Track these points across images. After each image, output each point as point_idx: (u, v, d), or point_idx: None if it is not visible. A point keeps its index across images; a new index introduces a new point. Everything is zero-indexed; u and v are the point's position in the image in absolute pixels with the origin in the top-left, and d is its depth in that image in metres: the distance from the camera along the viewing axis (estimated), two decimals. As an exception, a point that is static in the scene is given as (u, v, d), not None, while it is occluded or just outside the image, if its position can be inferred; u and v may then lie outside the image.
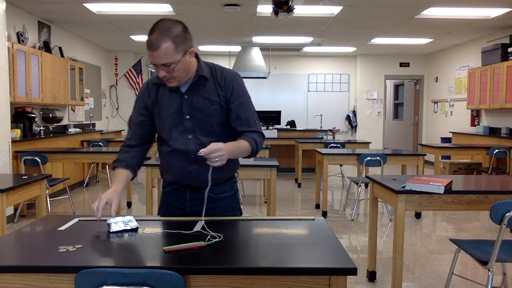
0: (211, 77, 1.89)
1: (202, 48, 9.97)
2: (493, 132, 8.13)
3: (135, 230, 1.75)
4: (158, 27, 1.72)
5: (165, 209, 2.06)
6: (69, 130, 7.72)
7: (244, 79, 2.05)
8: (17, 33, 6.22)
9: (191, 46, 1.79)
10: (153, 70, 1.77)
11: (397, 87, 12.97)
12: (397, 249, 2.88)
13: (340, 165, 7.70)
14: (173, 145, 1.92)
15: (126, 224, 1.75)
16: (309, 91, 11.21)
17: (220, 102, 1.88)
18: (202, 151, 1.70)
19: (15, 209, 5.20)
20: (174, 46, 1.72)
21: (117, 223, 1.74)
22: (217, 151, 1.69)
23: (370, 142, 7.82)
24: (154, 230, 1.77)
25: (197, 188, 1.95)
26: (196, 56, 1.87)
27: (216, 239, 1.60)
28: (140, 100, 1.98)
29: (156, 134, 2.03)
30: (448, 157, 8.36)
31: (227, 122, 1.93)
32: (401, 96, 12.69)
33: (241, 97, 1.91)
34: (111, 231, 1.72)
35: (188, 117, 1.88)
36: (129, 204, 6.08)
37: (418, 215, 5.55)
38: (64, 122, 7.88)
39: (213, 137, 1.87)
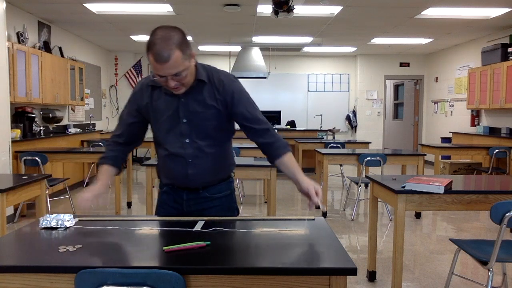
0: (208, 81, 1.87)
1: (202, 48, 9.97)
2: (493, 132, 8.13)
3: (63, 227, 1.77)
4: (160, 38, 1.65)
5: (162, 208, 2.06)
6: (69, 130, 7.72)
7: (244, 79, 2.07)
8: (17, 33, 6.22)
9: (192, 50, 1.78)
10: (153, 78, 1.77)
11: (397, 87, 12.97)
12: (397, 249, 2.88)
13: (340, 165, 7.70)
14: (169, 149, 1.91)
15: (57, 222, 1.77)
16: (309, 91, 11.21)
17: (217, 106, 1.87)
18: (319, 203, 1.76)
19: (15, 209, 5.20)
20: (182, 53, 1.68)
21: (47, 221, 1.77)
22: (318, 191, 1.77)
23: (370, 142, 7.82)
24: (154, 229, 1.77)
25: (194, 189, 1.97)
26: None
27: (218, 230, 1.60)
28: (133, 101, 1.95)
29: (153, 137, 2.01)
30: (448, 157, 8.36)
31: (223, 125, 1.93)
32: (401, 96, 12.69)
33: (243, 99, 1.91)
34: (40, 226, 1.76)
35: (185, 120, 1.86)
36: (129, 204, 6.08)
37: (418, 215, 5.55)
38: (64, 122, 7.88)
39: (210, 141, 1.89)
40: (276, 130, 1.94)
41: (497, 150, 6.34)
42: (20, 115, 6.11)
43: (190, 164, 1.90)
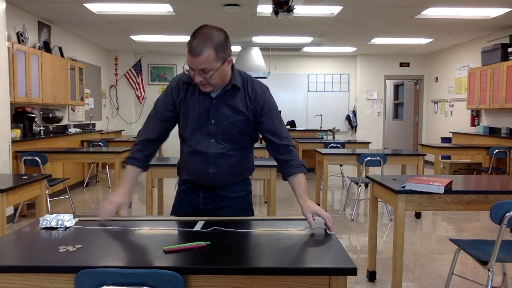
0: (243, 88, 1.93)
1: (202, 48, 9.96)
2: (493, 132, 8.13)
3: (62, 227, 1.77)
4: (202, 33, 1.73)
5: (179, 206, 2.09)
6: (69, 130, 7.72)
7: None
8: (17, 33, 6.22)
9: (230, 55, 1.83)
10: (187, 72, 1.84)
11: (397, 87, 12.97)
12: (397, 249, 2.88)
13: (340, 165, 7.70)
14: (194, 147, 1.95)
15: (57, 222, 1.78)
16: (309, 91, 11.21)
17: (247, 114, 1.92)
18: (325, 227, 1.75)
19: (15, 209, 5.20)
20: (216, 54, 1.74)
21: (47, 221, 1.77)
22: (329, 219, 1.75)
23: (370, 142, 7.82)
24: (154, 229, 1.77)
25: (211, 188, 2.01)
26: (232, 65, 1.90)
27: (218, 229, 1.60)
28: (169, 95, 1.97)
29: (178, 133, 2.03)
30: (448, 157, 8.36)
31: (249, 132, 1.98)
32: (401, 96, 12.69)
33: (272, 111, 1.96)
34: (40, 226, 1.76)
35: (213, 121, 1.91)
36: (129, 204, 6.07)
37: (418, 215, 5.55)
38: (64, 122, 7.88)
39: (234, 144, 1.95)
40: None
41: (497, 150, 6.34)
42: (20, 115, 6.11)
43: (212, 163, 1.94)
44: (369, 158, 5.18)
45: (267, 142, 1.99)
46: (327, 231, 1.72)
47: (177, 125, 2.03)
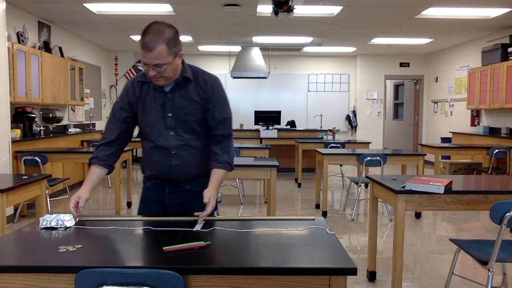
0: (194, 79, 2.01)
1: (202, 48, 9.97)
2: (493, 132, 8.13)
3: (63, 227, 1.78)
4: (153, 29, 1.81)
5: (145, 203, 2.15)
6: (69, 130, 7.72)
7: (244, 79, 2.11)
8: (17, 33, 6.22)
9: (181, 50, 1.91)
10: (142, 69, 1.91)
11: (397, 87, 12.97)
12: (397, 249, 2.88)
13: (340, 165, 7.69)
14: (155, 141, 2.02)
15: (57, 222, 1.78)
16: (309, 91, 11.21)
17: (201, 103, 2.00)
18: (201, 220, 1.85)
19: (15, 209, 5.20)
20: (168, 49, 1.82)
21: (47, 221, 1.77)
22: (211, 205, 1.88)
23: (370, 142, 7.82)
24: (154, 229, 1.77)
25: (176, 182, 2.07)
26: (182, 59, 1.98)
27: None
28: (124, 96, 2.05)
29: (138, 131, 2.11)
30: (448, 157, 8.36)
31: (206, 120, 2.04)
32: (401, 96, 12.69)
33: (218, 101, 2.03)
34: (40, 226, 1.77)
35: (170, 114, 1.99)
36: (129, 204, 6.08)
37: (418, 215, 5.55)
38: (64, 122, 7.88)
39: (193, 134, 2.02)
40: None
41: (497, 150, 6.33)
42: (20, 115, 6.11)
43: (174, 155, 2.01)
44: (369, 158, 5.18)
45: (209, 128, 2.06)
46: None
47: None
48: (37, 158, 5.01)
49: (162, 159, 2.02)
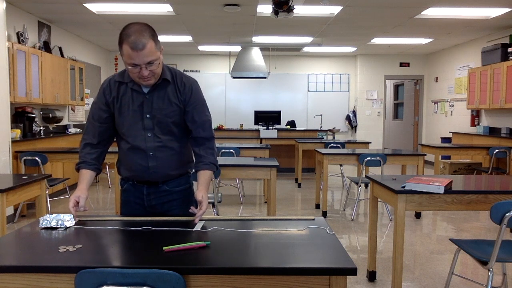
0: (172, 81, 2.01)
1: (202, 48, 9.97)
2: (493, 132, 8.13)
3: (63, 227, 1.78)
4: (134, 30, 1.81)
5: (126, 205, 2.14)
6: (69, 130, 7.72)
7: (244, 79, 2.12)
8: (17, 33, 6.22)
9: (161, 46, 1.92)
10: (126, 81, 1.96)
11: (397, 87, 12.97)
12: (397, 249, 2.88)
13: (340, 165, 7.69)
14: (132, 142, 2.01)
15: (57, 222, 1.78)
16: (309, 91, 11.21)
17: (179, 105, 2.00)
18: (198, 220, 1.87)
19: (15, 209, 5.20)
20: (155, 44, 1.85)
21: (47, 221, 1.77)
22: (205, 204, 1.91)
23: (370, 142, 7.82)
24: (154, 229, 1.77)
25: (154, 184, 2.06)
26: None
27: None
28: (102, 96, 2.03)
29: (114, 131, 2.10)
30: (448, 157, 8.35)
31: (183, 122, 2.04)
32: (401, 96, 12.69)
33: (197, 103, 2.04)
34: (40, 226, 1.77)
35: (148, 115, 1.98)
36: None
37: (418, 215, 5.55)
38: (64, 122, 7.88)
39: (170, 136, 2.02)
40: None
41: (497, 150, 6.33)
42: (20, 115, 6.11)
43: (151, 157, 2.00)
44: (369, 158, 5.18)
45: (189, 132, 2.07)
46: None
47: None
48: (37, 158, 5.01)
49: (139, 160, 2.01)
